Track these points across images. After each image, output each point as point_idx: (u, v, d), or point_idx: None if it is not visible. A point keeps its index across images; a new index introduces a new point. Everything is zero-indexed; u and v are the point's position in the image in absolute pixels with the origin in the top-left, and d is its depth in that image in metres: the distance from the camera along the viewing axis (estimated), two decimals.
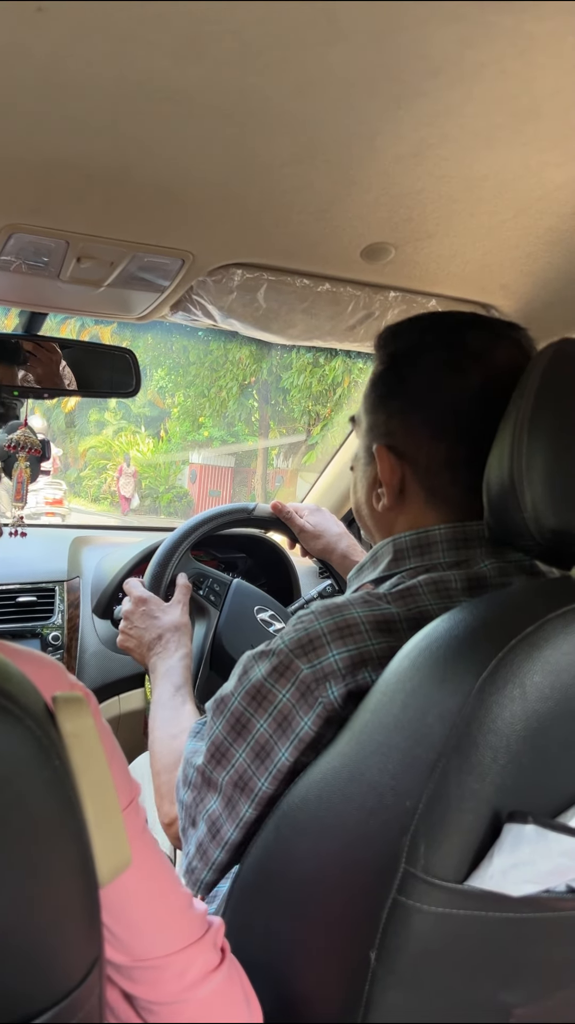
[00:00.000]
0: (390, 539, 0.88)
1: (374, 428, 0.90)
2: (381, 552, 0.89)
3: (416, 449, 0.86)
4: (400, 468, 0.87)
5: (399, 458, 0.87)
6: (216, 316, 1.18)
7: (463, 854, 0.57)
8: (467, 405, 0.83)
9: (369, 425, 0.91)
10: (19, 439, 1.40)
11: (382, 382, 0.91)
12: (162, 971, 0.59)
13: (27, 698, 0.43)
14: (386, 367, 0.91)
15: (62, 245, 0.97)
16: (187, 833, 0.85)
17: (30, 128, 0.73)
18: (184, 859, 0.85)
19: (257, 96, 0.68)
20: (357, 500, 0.96)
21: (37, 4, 0.56)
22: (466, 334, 0.86)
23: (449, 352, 0.85)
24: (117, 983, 0.61)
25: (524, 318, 1.21)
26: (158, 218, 0.92)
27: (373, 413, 0.91)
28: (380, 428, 0.89)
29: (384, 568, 0.87)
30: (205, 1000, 0.60)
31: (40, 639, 1.62)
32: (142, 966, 0.59)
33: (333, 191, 0.87)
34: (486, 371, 0.83)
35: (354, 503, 0.98)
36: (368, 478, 0.92)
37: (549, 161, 0.80)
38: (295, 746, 0.75)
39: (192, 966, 0.60)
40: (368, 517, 0.94)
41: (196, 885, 0.83)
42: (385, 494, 0.89)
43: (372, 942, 0.59)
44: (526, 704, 0.57)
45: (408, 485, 0.87)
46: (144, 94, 0.68)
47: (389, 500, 0.88)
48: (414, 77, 0.66)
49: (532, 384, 0.72)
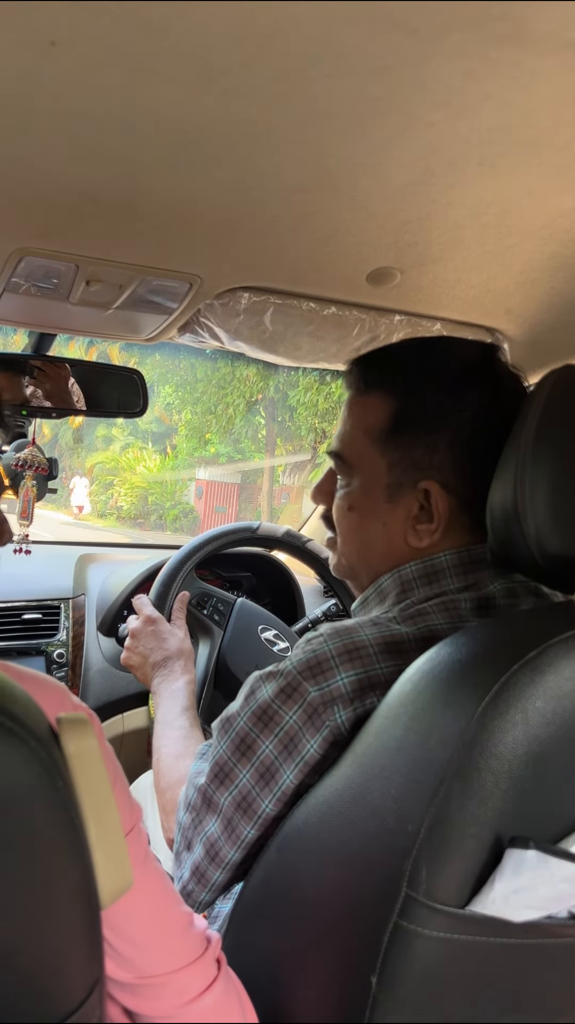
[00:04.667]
0: (395, 571, 0.86)
1: (411, 464, 0.85)
2: (387, 585, 0.87)
3: (466, 481, 0.83)
4: (448, 501, 0.84)
5: (445, 490, 0.84)
6: (223, 338, 1.19)
7: (465, 879, 0.57)
8: (508, 428, 0.79)
9: (398, 459, 0.86)
10: (27, 458, 1.41)
11: (412, 416, 0.86)
12: (164, 988, 0.61)
13: (31, 719, 0.43)
14: (413, 399, 0.86)
15: (72, 268, 0.98)
16: (182, 856, 0.84)
17: (41, 155, 0.74)
18: (177, 882, 0.84)
19: (265, 125, 0.70)
20: (368, 540, 0.89)
21: (51, 38, 0.58)
22: (492, 363, 0.88)
23: (495, 385, 0.86)
24: (118, 999, 0.62)
25: (528, 342, 1.22)
26: (166, 243, 0.94)
27: (405, 448, 0.85)
28: (422, 463, 0.85)
29: (392, 601, 0.85)
30: (204, 1012, 0.62)
31: (45, 656, 1.62)
32: (145, 983, 0.60)
33: (339, 217, 0.88)
34: (516, 394, 0.86)
35: (358, 544, 0.91)
36: (398, 516, 0.86)
37: (553, 189, 0.81)
38: (300, 769, 0.75)
39: (193, 982, 0.62)
40: (384, 556, 0.88)
41: (194, 906, 0.83)
42: (436, 530, 0.84)
43: (373, 966, 0.59)
44: (528, 729, 0.57)
45: (454, 516, 0.84)
46: (154, 123, 0.69)
47: (439, 535, 0.84)
48: (419, 108, 0.67)
49: (535, 410, 0.72)
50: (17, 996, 0.43)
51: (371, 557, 0.90)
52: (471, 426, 0.84)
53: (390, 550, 0.87)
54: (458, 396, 0.84)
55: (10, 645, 1.60)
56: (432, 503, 0.84)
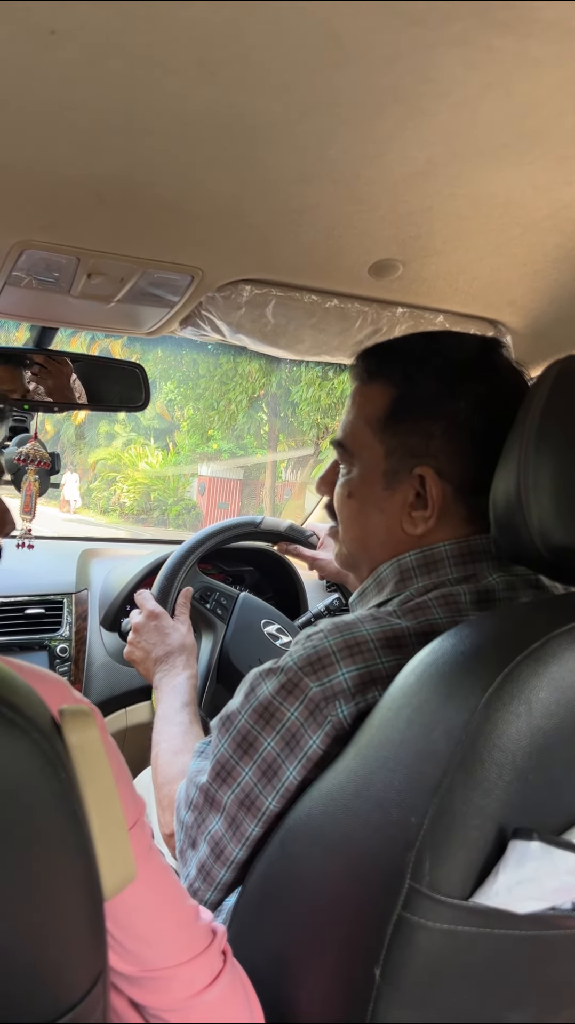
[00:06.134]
0: (394, 560, 0.87)
1: (407, 451, 0.87)
2: (386, 574, 0.88)
3: (461, 468, 0.84)
4: (442, 488, 0.85)
5: (440, 477, 0.85)
6: (225, 331, 1.19)
7: (468, 870, 0.57)
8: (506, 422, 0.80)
9: (395, 447, 0.87)
10: (29, 452, 1.42)
11: (413, 403, 0.87)
12: (171, 981, 0.61)
13: (33, 710, 0.43)
14: (411, 387, 0.87)
15: (73, 261, 0.98)
16: (186, 854, 0.84)
17: (41, 147, 0.74)
18: (184, 880, 0.84)
19: (266, 117, 0.69)
20: (367, 527, 0.91)
21: (51, 27, 0.57)
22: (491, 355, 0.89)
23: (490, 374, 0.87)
24: (125, 992, 0.62)
25: (532, 335, 1.21)
26: (168, 235, 0.93)
27: (402, 435, 0.87)
28: (418, 450, 0.86)
29: (391, 590, 0.86)
30: (211, 1004, 0.62)
31: (48, 651, 1.62)
32: (151, 976, 0.60)
33: (341, 209, 0.88)
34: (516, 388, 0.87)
35: (357, 532, 0.93)
36: (395, 502, 0.88)
37: (556, 180, 0.81)
38: (303, 765, 0.75)
39: (199, 974, 0.62)
40: (384, 543, 0.89)
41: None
42: (431, 516, 0.85)
43: (377, 959, 0.59)
44: (532, 720, 0.57)
45: (449, 504, 0.85)
46: (155, 114, 0.69)
47: (434, 522, 0.85)
48: (421, 99, 0.66)
49: (538, 401, 0.72)
50: (21, 988, 0.43)
51: (370, 544, 0.91)
52: (467, 415, 0.85)
53: (388, 538, 0.88)
54: (454, 385, 0.86)
55: (13, 640, 1.61)
56: (427, 489, 0.85)
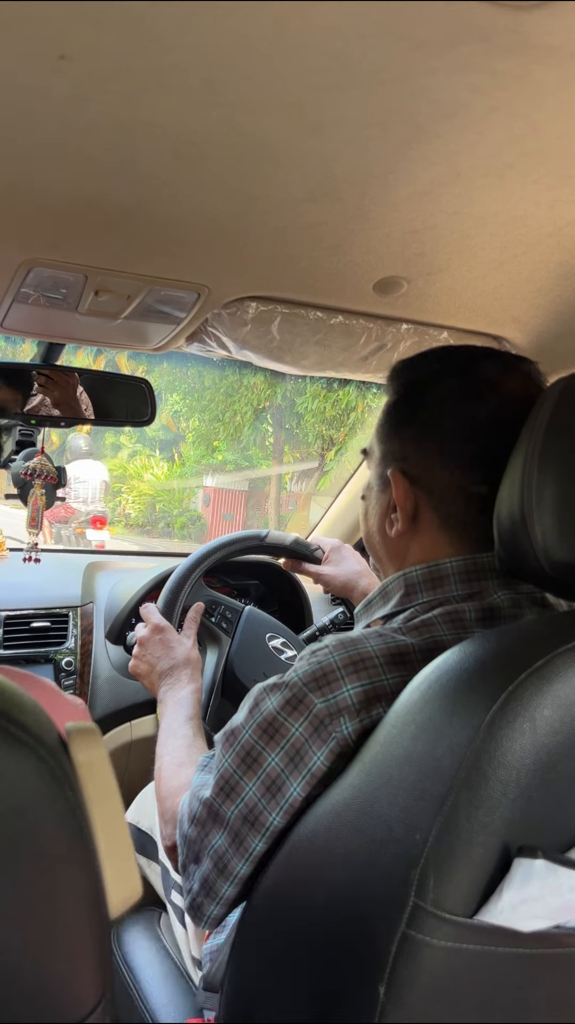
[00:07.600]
0: (401, 574, 0.88)
1: (388, 455, 0.92)
2: (391, 587, 0.89)
3: (430, 475, 0.87)
4: (414, 494, 0.88)
5: (413, 483, 0.88)
6: (231, 347, 1.20)
7: (473, 888, 0.57)
8: (480, 431, 0.84)
9: (383, 453, 0.93)
10: (36, 466, 1.42)
11: (396, 411, 0.92)
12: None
13: (40, 728, 0.43)
14: (399, 396, 0.92)
15: (80, 279, 0.99)
16: (189, 868, 0.84)
17: (49, 167, 0.75)
18: (187, 896, 0.84)
19: (271, 137, 0.70)
20: (368, 529, 0.97)
21: (60, 52, 0.58)
22: (479, 363, 0.88)
23: (462, 379, 0.87)
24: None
25: (535, 350, 1.22)
26: (174, 253, 0.94)
27: (387, 441, 0.92)
28: (395, 454, 0.90)
29: (396, 603, 0.87)
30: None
31: (53, 664, 1.63)
32: None
33: (346, 227, 0.88)
34: (499, 398, 0.85)
35: (365, 532, 0.99)
36: (382, 505, 0.93)
37: (559, 198, 0.81)
38: (307, 781, 0.74)
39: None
40: (380, 545, 0.95)
41: (203, 920, 0.82)
42: (399, 519, 0.89)
43: (381, 975, 0.59)
44: (536, 738, 0.57)
45: (422, 511, 0.88)
46: (161, 134, 0.70)
47: (403, 525, 0.89)
48: (426, 120, 0.67)
49: (542, 418, 0.72)
50: (26, 1005, 0.43)
51: (374, 546, 0.97)
52: (435, 420, 0.87)
53: (383, 541, 0.94)
54: (425, 394, 0.89)
55: (18, 653, 1.61)
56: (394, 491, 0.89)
